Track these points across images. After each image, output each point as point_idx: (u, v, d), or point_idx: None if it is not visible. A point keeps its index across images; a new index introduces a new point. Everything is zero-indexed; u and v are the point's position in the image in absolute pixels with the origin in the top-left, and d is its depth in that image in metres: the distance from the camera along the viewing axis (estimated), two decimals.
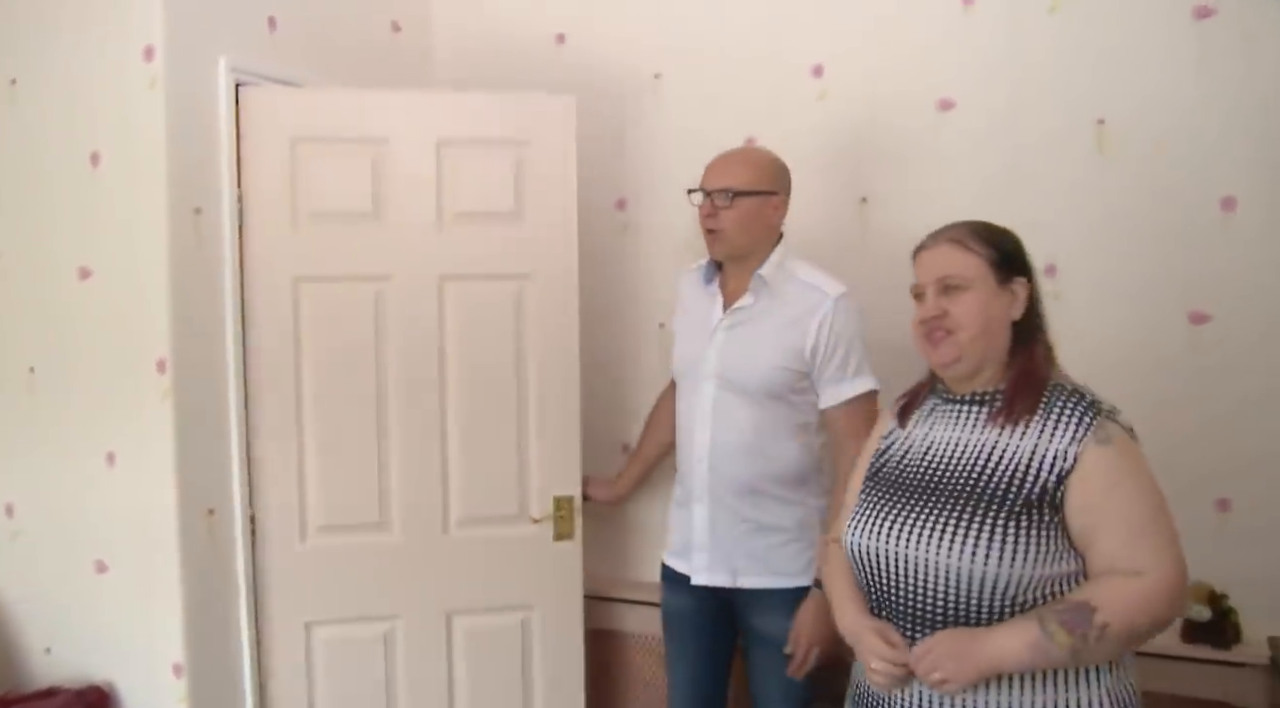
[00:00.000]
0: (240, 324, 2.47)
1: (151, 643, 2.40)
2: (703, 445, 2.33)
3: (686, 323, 2.46)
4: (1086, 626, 1.46)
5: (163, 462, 2.34)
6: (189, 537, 2.37)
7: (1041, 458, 1.54)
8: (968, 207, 2.47)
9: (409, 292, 2.59)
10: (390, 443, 2.60)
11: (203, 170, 2.39)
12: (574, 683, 2.77)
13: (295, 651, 2.58)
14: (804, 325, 2.24)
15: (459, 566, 2.67)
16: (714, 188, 2.28)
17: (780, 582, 2.32)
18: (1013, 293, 1.64)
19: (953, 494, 1.59)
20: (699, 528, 2.37)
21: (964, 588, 1.53)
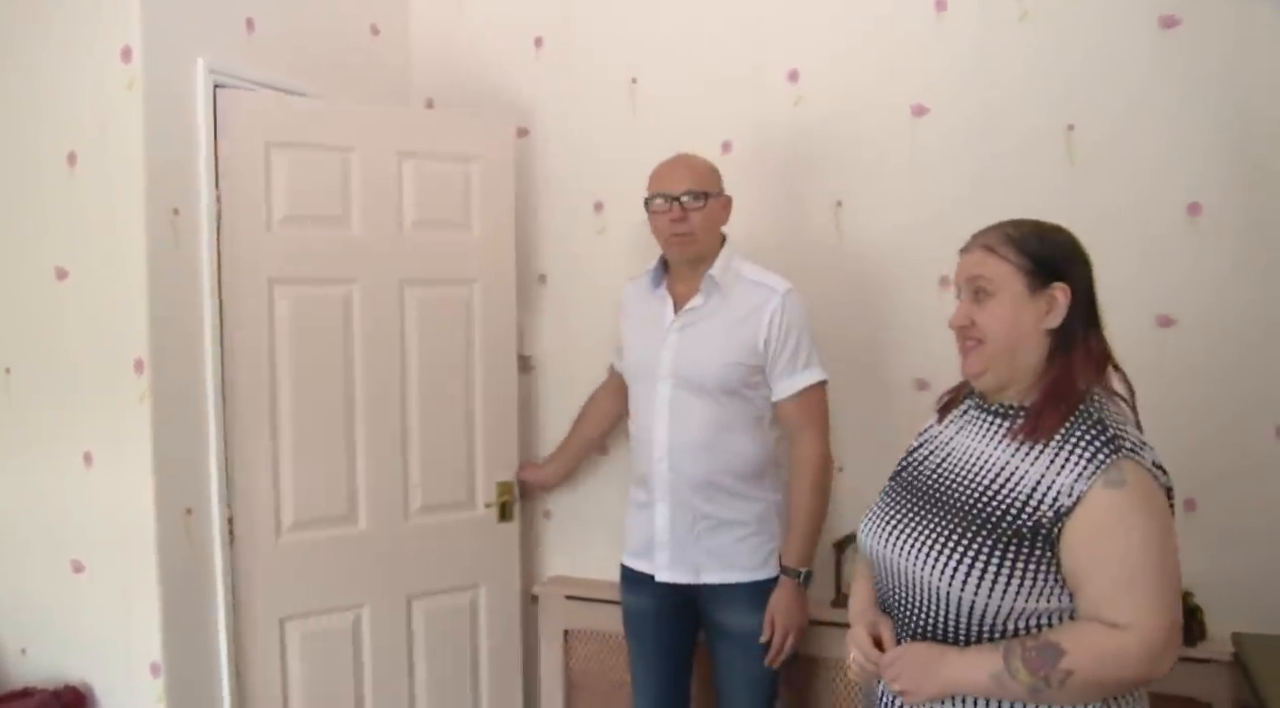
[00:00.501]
0: (218, 325, 2.47)
1: (129, 643, 2.40)
2: (662, 444, 2.38)
3: (636, 327, 2.51)
4: (1050, 668, 1.41)
5: (140, 462, 2.35)
6: (167, 537, 2.37)
7: (1045, 490, 1.46)
8: (942, 211, 2.55)
9: (372, 294, 2.71)
10: (357, 438, 2.71)
11: (181, 171, 2.39)
12: (513, 650, 3.01)
13: (270, 647, 2.60)
14: (755, 321, 2.31)
15: (417, 551, 2.82)
16: (681, 191, 2.33)
17: (741, 576, 2.38)
18: (1050, 300, 1.53)
19: (950, 510, 1.55)
20: (660, 527, 2.41)
21: (941, 607, 1.51)
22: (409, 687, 2.83)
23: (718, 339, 2.33)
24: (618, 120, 2.95)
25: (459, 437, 2.87)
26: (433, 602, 2.86)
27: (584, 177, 2.99)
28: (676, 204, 2.32)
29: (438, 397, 2.82)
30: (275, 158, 2.55)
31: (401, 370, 2.77)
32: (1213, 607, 2.35)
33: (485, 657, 2.96)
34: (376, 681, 2.77)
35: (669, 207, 2.33)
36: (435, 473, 2.83)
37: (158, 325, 2.34)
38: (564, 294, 3.04)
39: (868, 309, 2.68)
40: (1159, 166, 2.40)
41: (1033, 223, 1.60)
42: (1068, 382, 1.51)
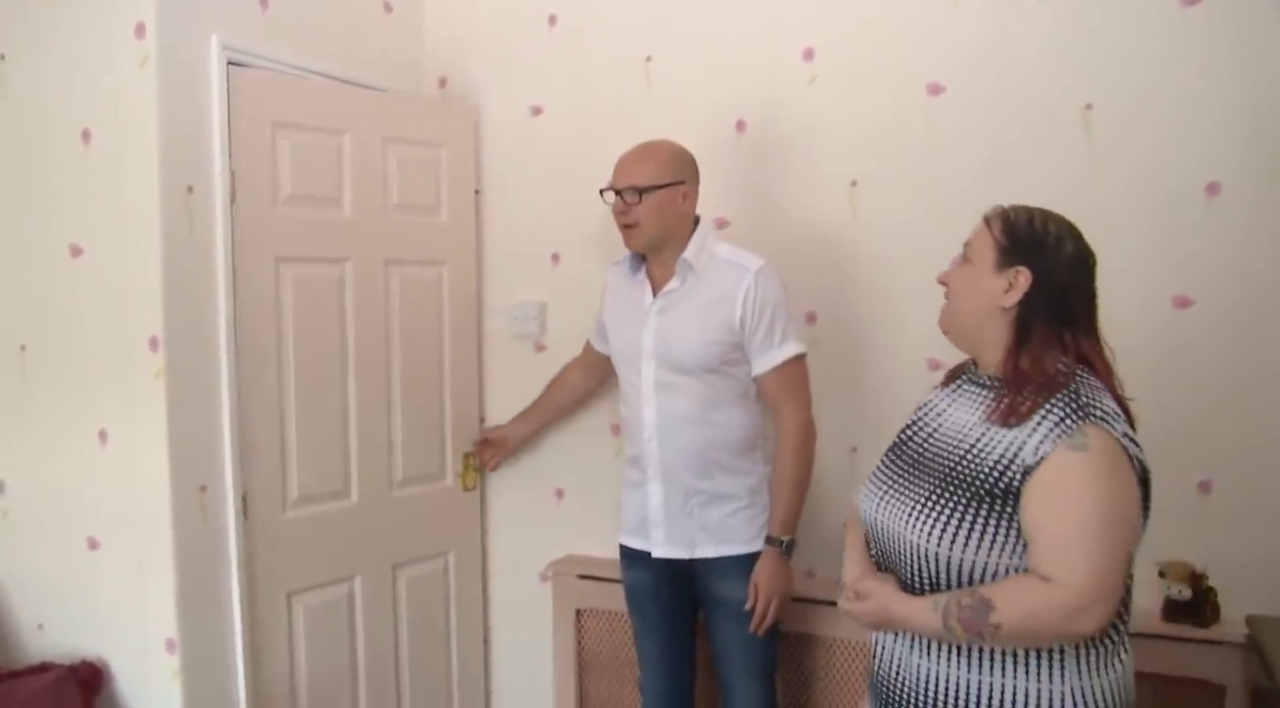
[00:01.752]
0: (232, 303, 2.48)
1: (144, 619, 2.42)
2: (650, 424, 2.44)
3: (618, 312, 2.56)
4: (982, 623, 1.48)
5: (155, 440, 2.36)
6: (181, 514, 2.39)
7: (1016, 452, 1.53)
8: (956, 189, 2.53)
9: (362, 274, 2.80)
10: (349, 413, 2.79)
11: (195, 149, 2.39)
12: (476, 613, 3.23)
13: (279, 621, 2.64)
14: (730, 300, 2.36)
15: (400, 522, 2.96)
16: (621, 187, 2.39)
17: (735, 549, 2.43)
18: (1011, 280, 1.59)
19: (933, 474, 1.63)
20: (654, 505, 2.47)
21: (921, 563, 1.59)
22: (394, 651, 2.96)
23: (695, 320, 2.39)
24: (631, 99, 2.94)
25: (433, 411, 3.03)
26: (413, 570, 3.01)
27: (598, 156, 2.95)
28: (619, 198, 2.39)
29: (415, 373, 2.97)
30: (280, 137, 2.58)
31: (386, 348, 2.88)
32: (1227, 589, 2.33)
33: (454, 619, 3.15)
34: (368, 647, 2.87)
35: (615, 200, 2.41)
36: (413, 446, 2.97)
37: (172, 303, 2.35)
38: (578, 274, 3.03)
39: (882, 289, 2.66)
40: (1177, 145, 2.37)
41: (1041, 211, 1.66)
42: (1027, 366, 1.57)
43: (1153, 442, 2.31)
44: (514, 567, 3.22)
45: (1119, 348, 2.38)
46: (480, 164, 3.16)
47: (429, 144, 2.97)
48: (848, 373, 2.73)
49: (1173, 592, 2.32)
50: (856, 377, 2.72)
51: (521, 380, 3.09)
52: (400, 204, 2.89)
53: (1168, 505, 2.38)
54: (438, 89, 3.19)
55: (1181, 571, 2.32)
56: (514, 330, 3.14)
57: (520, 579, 3.19)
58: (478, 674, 3.26)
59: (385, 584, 2.92)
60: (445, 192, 3.03)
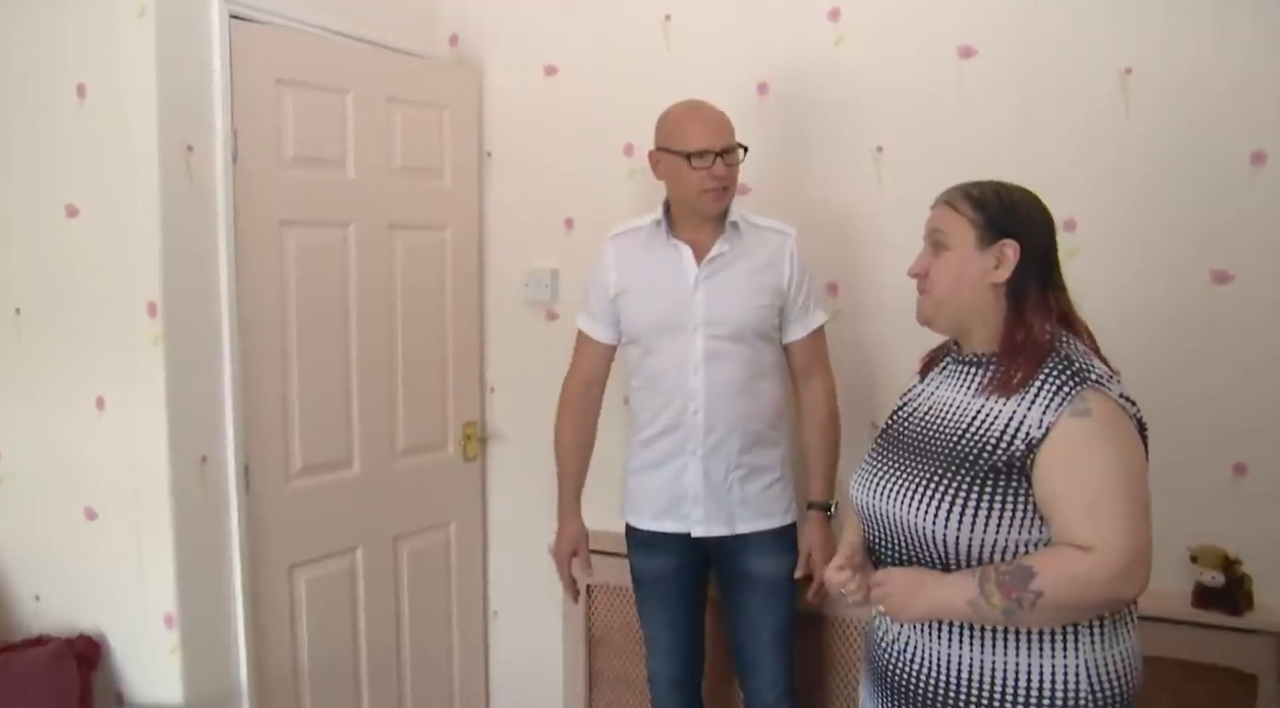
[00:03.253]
0: (234, 267, 2.39)
1: (143, 593, 2.36)
2: (697, 396, 2.33)
3: (649, 282, 2.38)
4: (1022, 590, 1.45)
5: (154, 408, 2.29)
6: (181, 485, 2.32)
7: (1017, 426, 1.52)
8: (987, 157, 2.44)
9: (366, 238, 2.74)
10: (352, 381, 2.74)
11: (195, 105, 2.31)
12: (477, 584, 3.19)
13: (281, 594, 2.59)
14: (778, 263, 2.34)
15: (402, 492, 2.90)
16: (724, 147, 2.27)
17: (772, 522, 2.39)
18: (998, 256, 1.59)
19: (931, 455, 1.61)
20: (693, 481, 2.37)
21: (926, 547, 1.56)
22: (395, 620, 2.92)
23: (747, 284, 2.33)
24: (650, 60, 2.83)
25: (435, 379, 2.98)
26: (415, 541, 2.97)
27: (613, 118, 2.87)
28: (719, 159, 2.26)
29: (418, 340, 2.91)
30: (284, 95, 2.49)
31: (389, 315, 2.82)
32: (1262, 575, 2.25)
33: (456, 591, 3.12)
34: (369, 616, 2.83)
35: (712, 162, 2.26)
36: (416, 415, 2.92)
37: (171, 267, 2.27)
38: (592, 240, 2.93)
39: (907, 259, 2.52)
40: (1221, 112, 2.27)
41: (995, 183, 1.66)
42: (1023, 336, 1.57)
43: (1184, 422, 2.27)
44: (518, 540, 3.16)
45: (1152, 324, 2.35)
46: (490, 126, 3.07)
47: (433, 105, 2.90)
48: (870, 346, 2.64)
49: (1205, 578, 2.25)
50: (879, 350, 2.64)
51: (532, 350, 3.01)
52: (404, 167, 2.82)
53: (1200, 488, 2.33)
54: (449, 47, 3.08)
55: (1214, 556, 2.25)
56: (525, 298, 3.05)
57: (525, 553, 3.13)
58: (480, 648, 3.22)
59: (387, 556, 2.88)
60: (449, 154, 2.96)
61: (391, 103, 2.76)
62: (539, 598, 3.08)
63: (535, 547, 3.08)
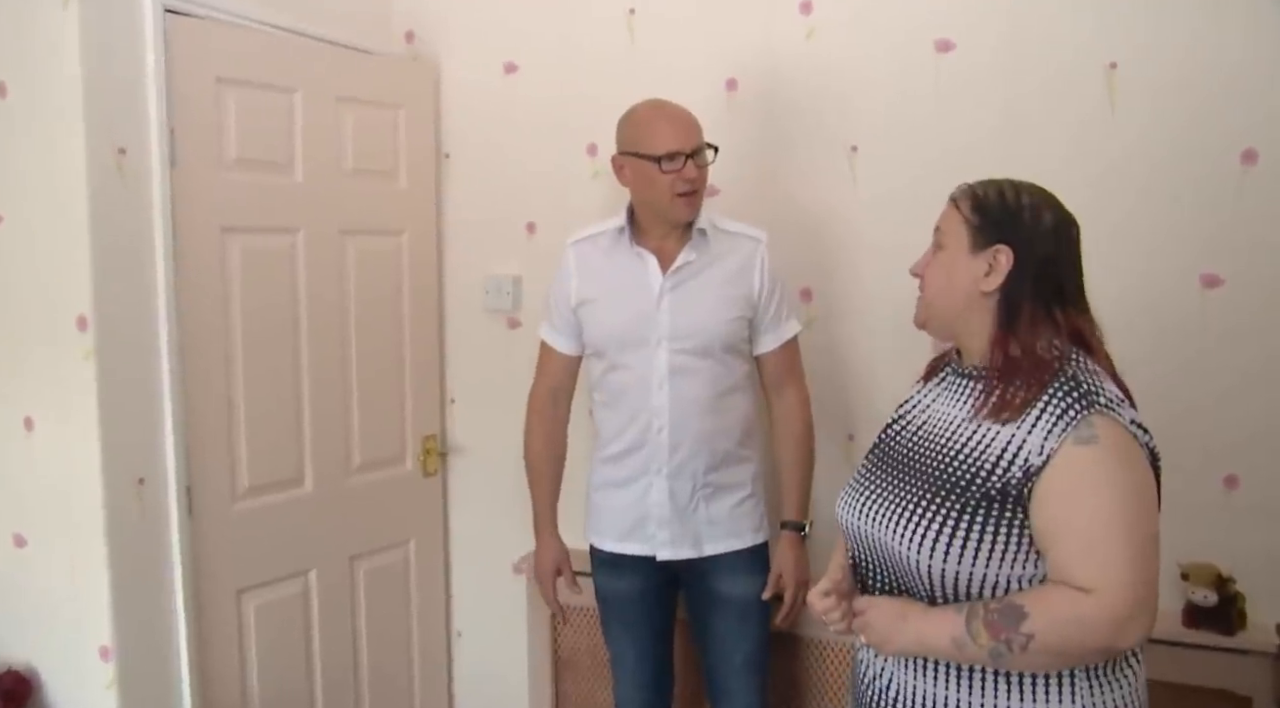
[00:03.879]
0: (171, 277, 2.26)
1: (77, 624, 2.23)
2: (661, 413, 2.21)
3: (611, 291, 2.26)
4: (1012, 631, 1.35)
5: (86, 427, 2.16)
6: (116, 508, 2.19)
7: (1015, 451, 1.39)
8: (966, 156, 2.34)
9: (316, 244, 2.61)
10: (303, 395, 2.61)
11: (128, 105, 2.17)
12: (439, 602, 3.07)
13: (228, 621, 2.46)
14: (748, 272, 2.22)
15: (357, 510, 2.78)
16: (696, 148, 2.15)
17: (743, 542, 2.29)
18: (991, 262, 1.47)
19: (921, 477, 1.50)
20: (658, 502, 2.25)
21: (913, 577, 1.46)
22: (352, 644, 2.80)
23: (715, 295, 2.20)
24: (613, 56, 2.71)
25: (391, 391, 2.86)
26: (372, 561, 2.85)
27: (576, 117, 2.75)
28: (690, 161, 2.13)
29: (373, 351, 2.79)
30: (225, 95, 2.35)
31: (341, 324, 2.69)
32: (1255, 592, 2.16)
33: (416, 609, 3.00)
34: (323, 641, 2.71)
35: (683, 164, 2.12)
36: (372, 429, 2.80)
37: (103, 277, 2.14)
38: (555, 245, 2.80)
39: (884, 263, 2.45)
40: (1211, 109, 2.17)
41: (1007, 182, 1.53)
42: (1021, 352, 1.44)
43: (1175, 432, 2.15)
44: (482, 558, 3.03)
45: (1140, 331, 2.25)
46: (448, 126, 2.94)
47: (387, 104, 2.77)
48: (845, 355, 2.54)
49: (1196, 597, 2.15)
50: (855, 359, 2.53)
51: (493, 358, 2.89)
52: (356, 169, 2.69)
53: (1191, 502, 2.23)
54: (404, 44, 2.95)
55: (1206, 574, 2.15)
56: (486, 305, 2.92)
57: (489, 571, 3.01)
58: (443, 671, 3.09)
59: (343, 577, 2.75)
60: (404, 156, 2.83)
61: (342, 102, 2.63)
62: (504, 618, 2.96)
63: (499, 564, 2.96)
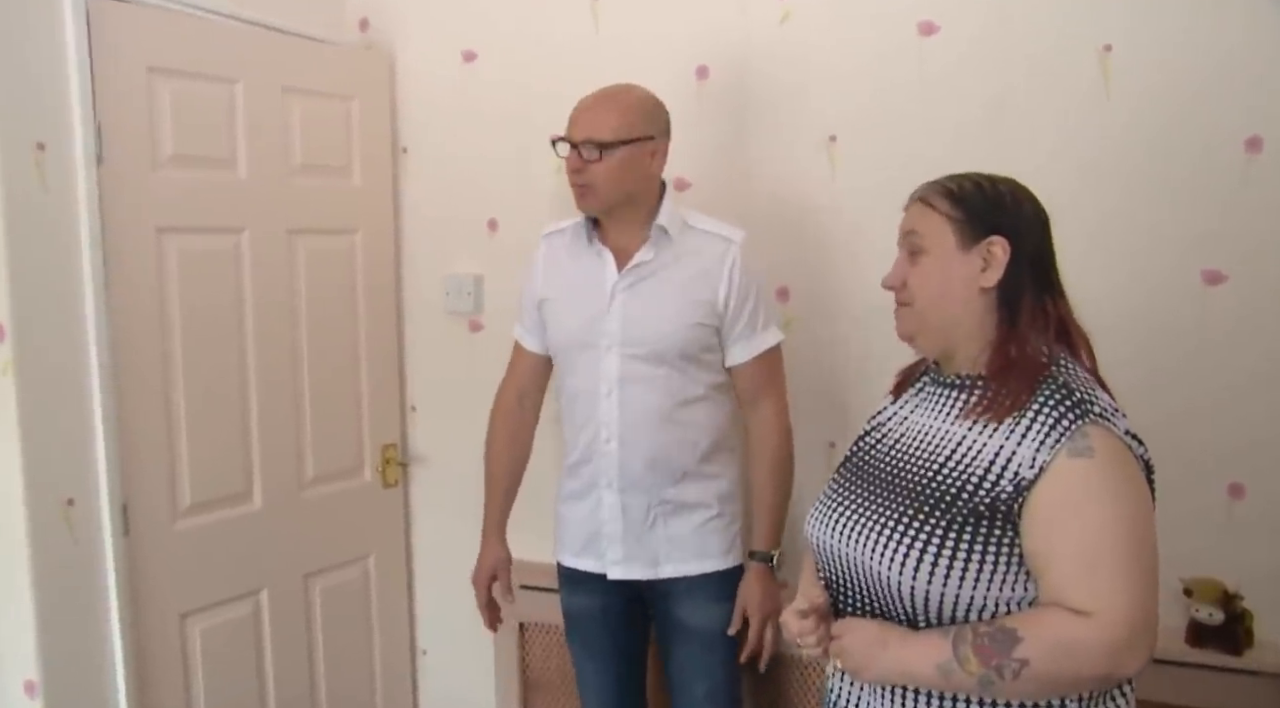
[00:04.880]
0: (100, 282, 2.11)
1: (3, 655, 2.07)
2: (611, 422, 2.07)
3: (567, 291, 2.15)
4: (1004, 657, 1.25)
5: (6, 445, 2.01)
6: (41, 531, 2.05)
7: (1004, 463, 1.31)
8: (952, 146, 2.19)
9: (261, 245, 2.48)
10: (250, 406, 2.48)
11: (46, 97, 2.02)
12: (402, 618, 2.95)
13: (170, 647, 2.33)
14: (713, 276, 2.06)
15: (311, 525, 2.66)
16: (578, 140, 2.01)
17: (706, 566, 2.12)
18: (985, 256, 1.39)
19: (901, 492, 1.40)
20: (609, 518, 2.12)
21: (893, 600, 1.36)
22: (309, 667, 2.68)
23: (673, 299, 2.05)
24: (577, 42, 2.57)
25: (346, 399, 2.74)
26: (328, 577, 2.73)
27: (539, 108, 2.59)
28: (574, 151, 2.01)
29: (326, 357, 2.66)
30: (157, 86, 2.20)
31: (291, 329, 2.56)
32: (1262, 608, 2.03)
33: (377, 626, 2.88)
34: (277, 665, 2.59)
35: (570, 153, 2.02)
36: (325, 440, 2.67)
37: (20, 283, 1.99)
38: (519, 243, 2.67)
39: (865, 260, 2.30)
40: (1212, 94, 2.04)
41: (976, 175, 1.46)
42: (1018, 352, 1.37)
43: (1173, 439, 2.00)
44: (446, 572, 2.87)
45: (1137, 331, 2.11)
46: (404, 118, 2.79)
47: (338, 96, 2.62)
48: (825, 357, 2.40)
49: (1201, 614, 2.02)
50: (834, 362, 2.40)
51: (454, 363, 2.76)
52: (305, 165, 2.56)
53: (1193, 513, 2.09)
54: (358, 32, 2.80)
55: (1211, 590, 2.02)
56: (446, 307, 2.78)
57: (454, 586, 2.83)
58: (407, 691, 2.96)
59: (297, 596, 2.63)
60: (357, 150, 2.69)
61: (289, 93, 2.49)
62: (471, 634, 2.79)
63: (464, 579, 2.78)
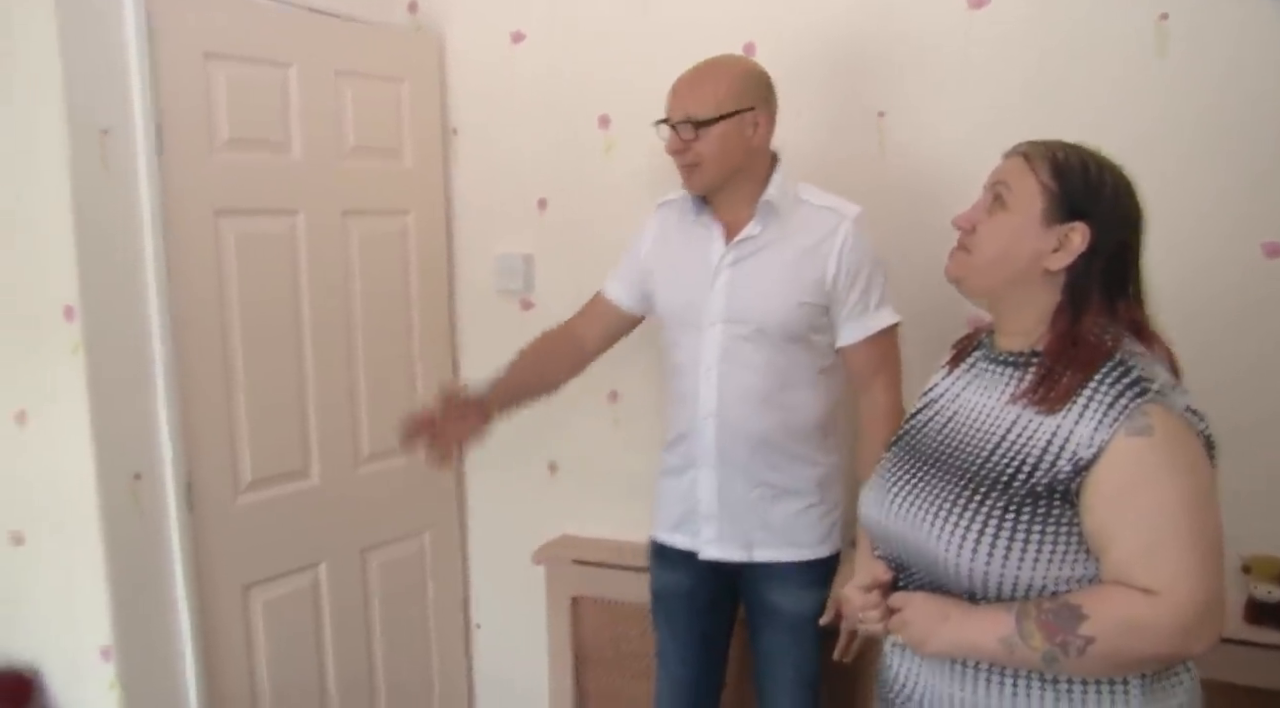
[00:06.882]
0: (162, 264, 2.16)
1: (76, 624, 2.16)
2: (710, 400, 2.04)
3: (676, 262, 2.12)
4: (1069, 633, 1.24)
5: (77, 423, 2.08)
6: (112, 506, 2.11)
7: (1063, 442, 1.29)
8: (1001, 120, 2.16)
9: (316, 227, 2.51)
10: (307, 384, 2.52)
11: (109, 84, 2.07)
12: (456, 592, 3.00)
13: (234, 618, 2.39)
14: (822, 253, 1.98)
15: (368, 501, 2.70)
16: (676, 119, 1.97)
17: (799, 554, 2.07)
18: (1061, 239, 1.34)
19: (957, 472, 1.39)
20: (705, 496, 2.09)
21: (951, 581, 1.35)
22: (366, 639, 2.73)
23: (780, 275, 1.99)
24: (625, 21, 2.56)
25: (400, 378, 2.76)
26: (384, 552, 2.77)
27: (587, 88, 2.61)
28: (674, 132, 1.98)
29: (380, 336, 2.70)
30: (214, 71, 2.25)
31: (346, 309, 2.59)
32: None
33: (432, 600, 2.92)
34: (335, 637, 2.64)
35: (670, 135, 1.99)
36: (381, 417, 2.63)
37: (89, 266, 2.06)
38: (568, 222, 2.69)
39: (914, 235, 2.29)
40: (1272, 62, 1.98)
41: (1092, 153, 1.39)
42: (1078, 343, 1.34)
43: (1234, 410, 1.97)
44: (500, 549, 2.94)
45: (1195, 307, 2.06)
46: (454, 100, 2.81)
47: (388, 78, 2.65)
48: None
49: (1259, 592, 1.99)
50: None
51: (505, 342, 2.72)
52: (357, 147, 2.59)
53: (1252, 488, 2.05)
54: (407, 14, 2.83)
55: (1270, 567, 2.00)
56: (496, 287, 2.81)
57: (508, 563, 2.91)
58: (461, 665, 3.01)
59: (354, 570, 2.67)
60: (409, 132, 2.71)
61: (342, 76, 2.52)
62: (525, 610, 2.86)
63: (519, 554, 2.85)
